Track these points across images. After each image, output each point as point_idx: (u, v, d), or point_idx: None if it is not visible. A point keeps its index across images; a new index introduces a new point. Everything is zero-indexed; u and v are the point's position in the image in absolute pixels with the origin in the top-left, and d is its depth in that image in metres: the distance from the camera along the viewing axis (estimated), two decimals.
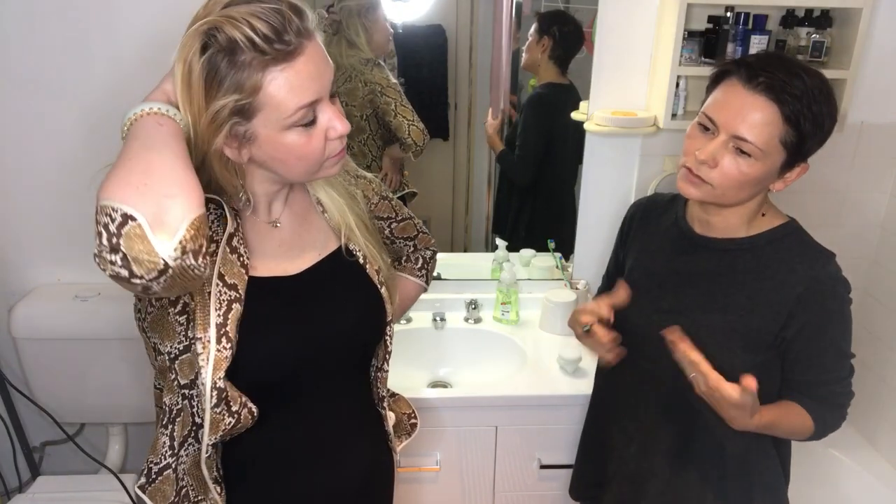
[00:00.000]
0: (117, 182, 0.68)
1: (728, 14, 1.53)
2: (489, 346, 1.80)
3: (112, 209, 0.67)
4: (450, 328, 1.82)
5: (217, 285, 0.84)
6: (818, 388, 1.09)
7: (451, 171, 1.99)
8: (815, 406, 1.09)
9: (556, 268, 1.92)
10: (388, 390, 1.16)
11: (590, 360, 1.45)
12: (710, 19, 1.57)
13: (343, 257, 0.99)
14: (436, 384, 1.78)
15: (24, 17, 1.46)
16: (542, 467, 1.63)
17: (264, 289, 0.90)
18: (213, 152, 0.79)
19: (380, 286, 1.01)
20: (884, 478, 1.77)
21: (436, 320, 1.81)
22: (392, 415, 1.17)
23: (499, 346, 1.79)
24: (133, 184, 0.68)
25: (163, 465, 0.91)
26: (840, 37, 1.56)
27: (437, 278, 1.84)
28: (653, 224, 1.24)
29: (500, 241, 1.96)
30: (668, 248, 1.19)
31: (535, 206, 2.03)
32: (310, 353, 0.95)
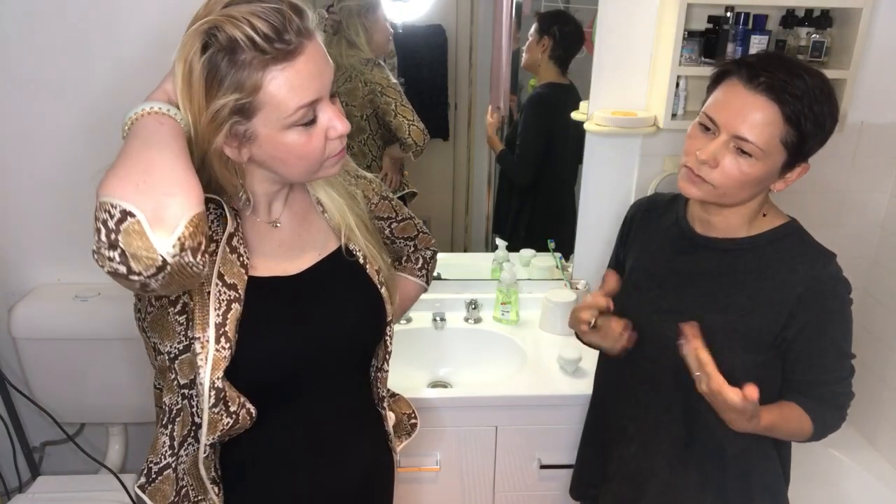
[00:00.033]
0: (117, 179, 0.68)
1: (728, 14, 1.53)
2: (489, 346, 1.80)
3: (111, 205, 0.67)
4: (450, 328, 1.82)
5: (216, 285, 0.84)
6: (818, 388, 1.09)
7: (451, 171, 1.99)
8: (814, 406, 1.09)
9: (556, 268, 1.92)
10: (388, 390, 1.16)
11: (590, 360, 1.44)
12: (710, 19, 1.57)
13: (343, 257, 0.99)
14: (436, 384, 1.78)
15: (24, 17, 1.46)
16: (542, 467, 1.62)
17: (264, 289, 0.90)
18: (214, 151, 0.79)
19: (380, 286, 1.01)
20: (884, 478, 1.77)
21: (436, 320, 1.81)
22: (392, 415, 1.17)
23: (499, 346, 1.79)
24: (133, 181, 0.68)
25: (163, 464, 0.91)
26: (840, 37, 1.56)
27: (438, 278, 1.84)
28: (653, 224, 1.24)
29: (500, 241, 1.96)
30: (669, 248, 1.19)
31: (535, 206, 2.03)
32: (310, 353, 0.95)
